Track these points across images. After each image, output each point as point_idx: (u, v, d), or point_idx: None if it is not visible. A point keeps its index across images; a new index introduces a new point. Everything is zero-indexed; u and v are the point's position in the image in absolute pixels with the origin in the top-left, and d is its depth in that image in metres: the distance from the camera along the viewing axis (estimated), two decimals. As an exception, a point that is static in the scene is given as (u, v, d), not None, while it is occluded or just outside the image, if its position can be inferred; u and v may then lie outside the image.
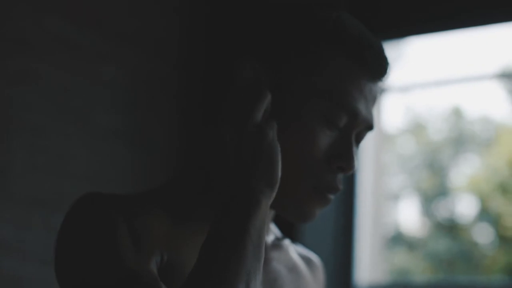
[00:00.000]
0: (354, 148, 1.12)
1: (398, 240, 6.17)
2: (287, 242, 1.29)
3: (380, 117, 3.68)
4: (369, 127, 1.14)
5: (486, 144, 5.95)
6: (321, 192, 1.11)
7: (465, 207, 6.06)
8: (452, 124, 6.09)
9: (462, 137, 6.04)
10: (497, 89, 5.53)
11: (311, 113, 1.09)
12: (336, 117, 1.10)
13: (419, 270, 6.15)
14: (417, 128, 6.19)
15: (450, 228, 6.12)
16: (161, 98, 3.17)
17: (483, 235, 5.95)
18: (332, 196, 1.12)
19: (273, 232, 1.28)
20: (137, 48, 3.10)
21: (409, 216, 6.14)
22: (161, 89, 3.17)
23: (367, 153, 3.53)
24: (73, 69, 2.90)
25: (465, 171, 6.04)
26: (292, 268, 1.24)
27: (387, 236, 5.93)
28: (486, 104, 5.70)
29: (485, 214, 5.89)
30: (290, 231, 3.18)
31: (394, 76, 3.90)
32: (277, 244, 1.25)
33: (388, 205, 5.88)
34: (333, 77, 1.09)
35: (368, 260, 3.47)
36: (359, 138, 1.15)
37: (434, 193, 6.12)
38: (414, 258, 6.28)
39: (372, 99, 1.13)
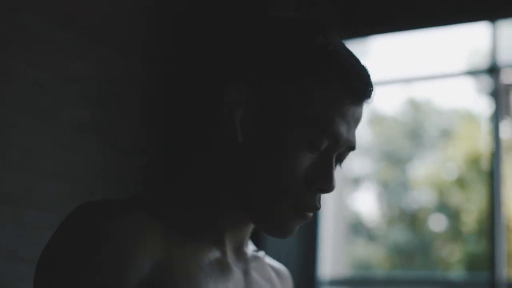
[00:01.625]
0: (334, 170, 1.14)
1: (358, 229, 6.20)
2: (262, 254, 1.32)
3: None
4: (351, 148, 1.17)
5: (444, 137, 6.02)
6: (301, 212, 1.14)
7: (423, 199, 6.12)
8: (411, 117, 6.15)
9: (420, 131, 6.11)
10: (458, 84, 5.61)
11: (294, 137, 1.11)
12: (318, 142, 1.12)
13: (379, 262, 6.20)
14: (376, 120, 6.23)
15: (409, 219, 6.17)
16: (129, 93, 3.18)
17: (440, 228, 6.03)
18: (311, 214, 1.16)
19: (250, 244, 1.31)
20: (105, 44, 3.11)
21: (368, 205, 6.19)
22: (129, 84, 3.19)
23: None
24: (42, 65, 2.90)
25: (424, 164, 6.10)
26: (268, 279, 1.27)
27: (348, 225, 5.98)
28: (446, 98, 5.77)
29: (443, 207, 5.96)
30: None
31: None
32: (255, 256, 1.28)
33: (350, 195, 5.94)
34: (318, 105, 1.11)
35: (330, 254, 3.51)
36: (341, 158, 1.18)
37: (394, 184, 6.18)
38: (373, 250, 6.31)
39: (354, 122, 1.15)
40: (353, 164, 6.06)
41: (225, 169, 1.16)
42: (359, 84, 1.13)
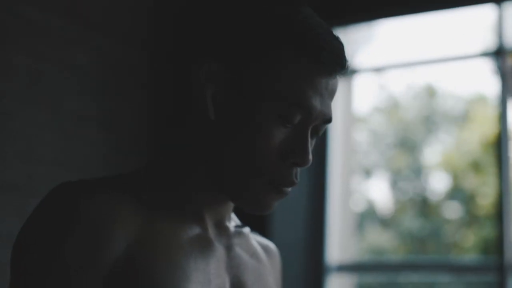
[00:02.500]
0: (309, 143, 1.13)
1: (370, 217, 6.19)
2: (247, 230, 1.31)
3: (351, 96, 3.71)
4: (326, 120, 1.15)
5: (458, 122, 5.98)
6: (277, 187, 1.13)
7: (437, 185, 6.09)
8: (425, 102, 6.11)
9: (434, 115, 6.07)
10: (471, 68, 5.57)
11: (266, 112, 1.10)
12: (291, 116, 1.11)
13: (392, 249, 6.19)
14: (390, 107, 6.20)
15: (422, 205, 6.15)
16: (131, 82, 3.18)
17: (454, 213, 6.00)
18: (288, 189, 1.15)
19: (234, 220, 1.30)
20: (106, 34, 3.10)
21: (381, 193, 6.17)
22: (130, 73, 3.18)
23: (337, 132, 3.56)
24: (42, 55, 2.89)
25: (438, 149, 6.07)
26: (253, 254, 1.26)
27: (359, 214, 5.97)
28: (459, 82, 5.73)
29: (457, 192, 5.93)
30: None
31: (366, 57, 3.93)
32: (238, 231, 1.27)
33: (360, 183, 5.92)
34: (289, 78, 1.10)
35: (338, 240, 3.50)
36: (317, 131, 1.16)
37: (407, 170, 6.15)
38: (387, 236, 6.30)
39: (329, 94, 1.14)
40: (366, 151, 6.04)
41: (199, 146, 1.16)
42: (329, 56, 1.10)
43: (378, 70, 3.77)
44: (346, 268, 3.47)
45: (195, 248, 1.13)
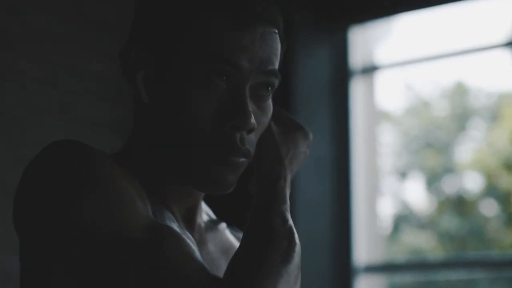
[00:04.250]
0: (248, 103, 1.09)
1: (407, 219, 6.15)
2: (222, 225, 1.27)
3: (373, 94, 3.66)
4: (267, 74, 1.12)
5: (489, 119, 5.91)
6: (221, 157, 1.09)
7: (471, 184, 6.02)
8: (455, 100, 6.04)
9: (464, 113, 6.00)
10: (500, 60, 5.47)
11: (195, 79, 1.08)
12: (219, 77, 1.08)
13: (431, 249, 6.13)
14: (419, 106, 6.15)
15: (458, 204, 6.09)
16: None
17: (491, 211, 5.92)
18: (239, 159, 1.10)
19: (207, 214, 1.26)
20: (119, 39, 3.09)
21: (416, 194, 6.11)
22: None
23: (360, 131, 3.51)
24: (56, 62, 2.90)
25: (469, 147, 6.00)
26: (227, 250, 1.22)
27: (395, 216, 5.92)
28: (489, 76, 5.64)
29: (492, 190, 5.86)
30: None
31: (388, 53, 3.88)
32: (211, 226, 1.24)
33: (394, 185, 5.86)
34: (210, 39, 1.08)
35: (366, 241, 3.45)
36: (265, 89, 1.13)
37: (440, 170, 6.09)
38: (425, 237, 6.26)
39: (260, 47, 1.10)
40: (398, 152, 5.99)
41: (143, 132, 1.16)
42: (241, 6, 1.09)
43: (401, 65, 3.71)
44: (374, 268, 3.41)
45: None
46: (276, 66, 1.13)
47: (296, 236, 1.08)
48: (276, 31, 1.14)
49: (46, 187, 1.01)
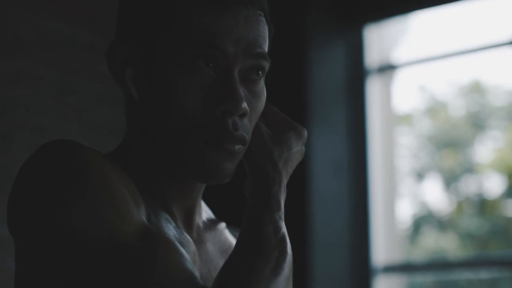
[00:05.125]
0: (238, 87, 1.07)
1: (427, 220, 6.11)
2: (222, 225, 1.26)
3: (390, 94, 3.63)
4: (255, 57, 1.10)
5: (509, 117, 5.86)
6: (215, 144, 1.07)
7: (491, 183, 5.97)
8: (473, 98, 6.00)
9: (483, 112, 5.96)
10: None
11: (177, 69, 1.06)
12: (205, 63, 1.07)
13: (453, 250, 6.09)
14: (436, 105, 6.11)
15: (479, 205, 6.05)
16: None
17: (513, 211, 5.87)
18: (234, 146, 1.09)
19: (206, 213, 1.25)
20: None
21: (436, 195, 6.08)
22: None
23: (377, 131, 3.49)
24: (70, 68, 2.90)
25: (489, 147, 5.95)
26: (226, 250, 1.20)
27: (415, 217, 5.88)
28: (507, 74, 5.59)
29: (513, 190, 5.81)
30: (302, 214, 3.17)
31: (404, 52, 3.85)
32: (210, 226, 1.22)
33: (413, 187, 5.83)
34: (193, 25, 1.06)
35: (384, 242, 3.42)
36: (251, 75, 1.12)
37: (459, 170, 6.05)
38: (446, 238, 6.22)
39: (244, 28, 1.09)
40: (415, 154, 5.95)
41: (137, 130, 1.15)
42: None
43: (417, 63, 3.68)
44: (393, 269, 3.38)
45: (177, 238, 1.09)
46: (265, 49, 1.12)
47: (289, 246, 1.05)
48: (262, 14, 1.12)
49: (37, 190, 0.99)
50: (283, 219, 1.08)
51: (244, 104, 1.07)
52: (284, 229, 1.06)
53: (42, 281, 1.00)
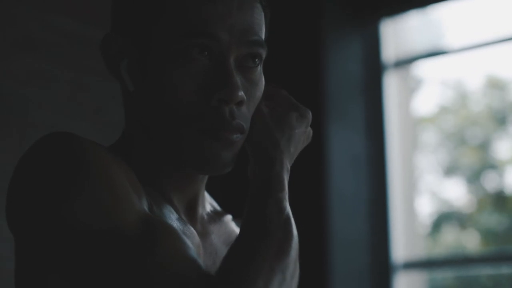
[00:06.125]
0: (233, 75, 1.06)
1: (449, 217, 6.08)
2: (227, 217, 1.25)
3: (408, 88, 3.61)
4: (250, 44, 1.09)
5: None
6: (212, 133, 1.06)
7: (513, 180, 5.93)
8: (493, 94, 5.96)
9: (504, 107, 5.91)
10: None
11: (171, 58, 1.05)
12: (199, 52, 1.06)
13: (474, 247, 6.06)
14: (456, 101, 6.07)
15: (501, 201, 6.01)
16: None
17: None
18: (231, 135, 1.08)
19: (211, 205, 1.23)
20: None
21: (457, 192, 6.04)
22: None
23: (396, 127, 3.47)
24: (84, 66, 2.89)
25: (510, 143, 5.91)
26: (230, 243, 1.19)
27: (436, 214, 5.85)
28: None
29: (535, 186, 5.76)
30: (321, 211, 3.15)
31: (422, 46, 3.81)
32: (214, 218, 1.21)
33: (434, 183, 5.79)
34: (181, 14, 1.05)
35: (405, 238, 3.40)
36: (247, 62, 1.11)
37: (479, 167, 6.01)
38: (467, 235, 6.19)
39: (238, 15, 1.07)
40: (436, 150, 5.92)
41: (134, 122, 1.14)
42: None
43: (435, 58, 3.65)
44: (413, 265, 3.36)
45: (180, 229, 1.08)
46: (261, 36, 1.12)
47: (294, 227, 1.03)
48: (256, 1, 1.11)
49: (36, 183, 1.00)
50: (287, 199, 1.05)
51: (241, 92, 1.06)
52: (288, 209, 1.04)
53: (43, 274, 0.99)
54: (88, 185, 0.95)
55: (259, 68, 1.12)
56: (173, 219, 1.06)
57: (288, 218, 1.01)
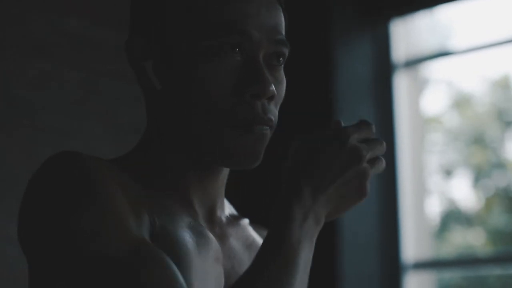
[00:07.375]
0: (264, 71, 1.08)
1: (455, 217, 6.08)
2: (245, 221, 1.25)
3: (418, 89, 3.60)
4: (276, 43, 1.12)
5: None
6: (246, 127, 1.08)
7: (521, 180, 5.92)
8: (501, 93, 5.95)
9: (508, 108, 5.91)
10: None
11: (201, 55, 1.06)
12: (231, 49, 1.07)
13: (481, 247, 6.06)
14: (464, 101, 6.07)
15: (508, 201, 6.00)
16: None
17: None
18: (263, 128, 1.08)
19: (229, 209, 1.24)
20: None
21: (464, 192, 6.04)
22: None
23: (406, 127, 3.46)
24: (94, 68, 2.89)
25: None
26: (249, 246, 1.21)
27: (442, 214, 5.85)
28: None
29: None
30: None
31: (432, 46, 3.81)
32: (233, 221, 1.22)
33: (441, 183, 5.79)
34: (214, 11, 1.07)
35: (414, 238, 3.40)
36: (273, 61, 1.12)
37: (487, 167, 6.00)
38: (474, 235, 6.19)
39: (265, 15, 1.10)
40: (443, 150, 5.91)
41: (161, 121, 1.16)
42: None
43: (444, 57, 3.65)
44: (423, 265, 3.36)
45: (192, 237, 1.07)
46: (284, 36, 1.14)
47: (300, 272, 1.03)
48: (278, 3, 1.14)
49: (38, 204, 1.00)
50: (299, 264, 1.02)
51: (272, 87, 1.08)
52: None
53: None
54: (87, 206, 0.96)
55: (282, 68, 1.15)
56: (183, 226, 1.06)
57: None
